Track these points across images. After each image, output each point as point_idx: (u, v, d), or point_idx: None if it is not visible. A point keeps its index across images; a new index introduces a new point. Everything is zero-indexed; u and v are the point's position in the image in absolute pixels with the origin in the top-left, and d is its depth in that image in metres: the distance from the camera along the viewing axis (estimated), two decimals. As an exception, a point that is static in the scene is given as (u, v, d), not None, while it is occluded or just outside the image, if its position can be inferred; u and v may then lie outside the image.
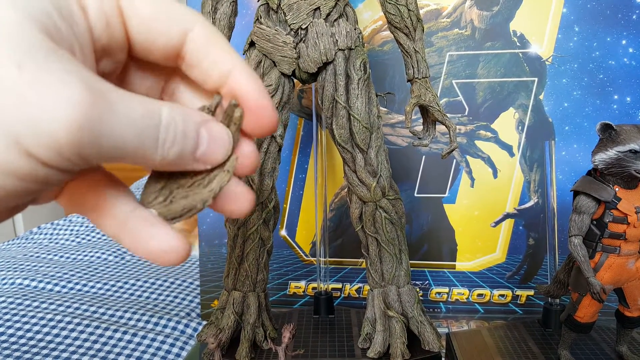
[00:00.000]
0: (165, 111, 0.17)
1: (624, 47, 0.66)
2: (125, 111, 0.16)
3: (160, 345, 0.66)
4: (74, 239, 1.16)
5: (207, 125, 0.19)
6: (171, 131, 0.18)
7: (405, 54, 0.52)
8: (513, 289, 0.72)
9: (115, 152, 0.16)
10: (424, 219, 0.74)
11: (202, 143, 0.19)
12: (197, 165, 0.19)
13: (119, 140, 0.16)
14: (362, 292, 0.76)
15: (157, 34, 0.19)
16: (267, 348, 0.55)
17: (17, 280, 0.87)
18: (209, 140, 0.19)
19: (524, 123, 0.69)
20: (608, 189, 0.44)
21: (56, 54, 0.15)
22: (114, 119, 0.16)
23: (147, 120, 0.17)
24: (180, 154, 0.18)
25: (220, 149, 0.20)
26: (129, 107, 0.16)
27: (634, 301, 0.47)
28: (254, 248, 0.56)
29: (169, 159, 0.18)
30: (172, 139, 0.18)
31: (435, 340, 0.54)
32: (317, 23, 0.50)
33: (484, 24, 0.68)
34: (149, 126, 0.17)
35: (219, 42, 0.20)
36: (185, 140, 0.18)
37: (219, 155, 0.20)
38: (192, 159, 0.19)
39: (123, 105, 0.16)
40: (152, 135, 0.17)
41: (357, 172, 0.53)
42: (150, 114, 0.17)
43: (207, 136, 0.19)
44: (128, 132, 0.16)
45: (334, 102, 0.51)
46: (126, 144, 0.16)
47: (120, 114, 0.16)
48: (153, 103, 0.17)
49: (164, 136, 0.17)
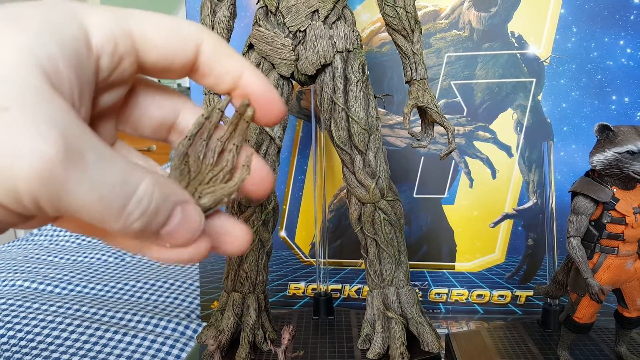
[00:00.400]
0: (145, 184, 0.17)
1: (622, 48, 0.66)
2: (97, 176, 0.16)
3: (160, 346, 0.66)
4: (74, 241, 1.16)
5: (184, 206, 0.19)
6: (143, 204, 0.17)
7: (403, 55, 0.52)
8: (512, 290, 0.72)
9: (73, 210, 0.16)
10: (423, 219, 0.74)
11: (172, 222, 0.18)
12: (157, 241, 0.19)
13: (81, 202, 0.16)
14: (361, 293, 0.76)
15: (173, 58, 0.20)
16: (267, 349, 0.55)
17: (18, 282, 0.88)
18: (180, 221, 0.19)
19: (522, 124, 0.69)
20: (606, 190, 0.44)
21: (48, 102, 0.15)
22: (81, 181, 0.15)
23: (118, 189, 0.16)
24: (143, 228, 0.18)
25: (187, 232, 0.19)
26: (104, 170, 0.16)
27: (632, 302, 0.48)
28: (254, 249, 0.56)
29: (131, 230, 0.17)
30: (141, 212, 0.17)
31: (434, 341, 0.54)
32: (315, 25, 0.50)
33: (482, 25, 0.69)
34: (119, 196, 0.16)
35: (226, 50, 0.21)
36: (155, 217, 0.18)
37: (184, 238, 0.19)
38: (154, 235, 0.18)
39: (97, 169, 0.16)
40: (120, 203, 0.16)
41: (355, 174, 0.53)
42: (125, 182, 0.16)
43: (179, 217, 0.18)
44: (92, 197, 0.16)
45: (333, 104, 0.51)
46: (86, 206, 0.16)
47: (90, 178, 0.15)
48: (136, 172, 0.17)
49: (132, 208, 0.17)
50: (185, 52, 0.20)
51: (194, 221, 0.19)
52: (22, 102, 0.15)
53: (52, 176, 0.15)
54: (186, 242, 0.19)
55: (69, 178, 0.15)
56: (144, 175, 0.17)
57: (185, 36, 0.20)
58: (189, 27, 0.20)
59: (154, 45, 0.19)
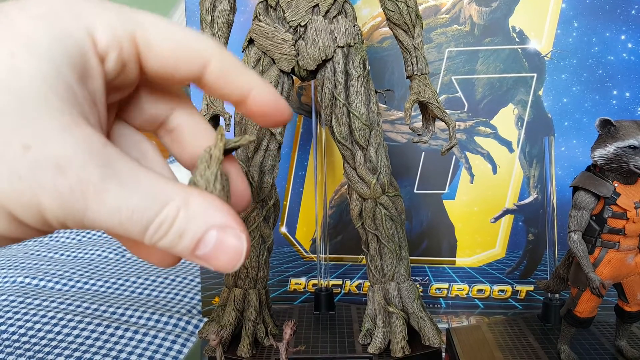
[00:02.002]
0: (171, 207, 0.17)
1: (623, 43, 0.66)
2: (114, 203, 0.16)
3: (161, 342, 0.66)
4: (74, 237, 1.16)
5: (223, 230, 0.18)
6: (165, 225, 0.17)
7: (404, 50, 0.52)
8: (513, 285, 0.72)
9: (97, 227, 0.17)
10: (423, 215, 0.74)
11: (206, 245, 0.18)
12: (200, 262, 0.19)
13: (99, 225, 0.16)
14: (362, 289, 0.76)
15: (175, 71, 0.19)
16: (269, 344, 0.56)
17: (19, 278, 0.88)
18: (216, 246, 0.18)
19: (523, 119, 0.69)
20: (607, 185, 0.44)
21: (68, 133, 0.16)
22: (99, 210, 0.16)
23: (141, 211, 0.16)
24: (171, 248, 0.18)
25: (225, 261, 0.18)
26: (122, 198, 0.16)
27: (633, 296, 0.48)
28: (255, 245, 0.56)
29: (160, 245, 0.17)
30: (164, 232, 0.17)
31: (435, 336, 0.54)
32: (316, 20, 0.50)
33: (483, 20, 0.68)
34: (137, 221, 0.16)
35: (235, 69, 0.20)
36: (179, 239, 0.17)
37: (221, 265, 0.18)
38: (192, 255, 0.18)
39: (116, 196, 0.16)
40: (143, 224, 0.17)
41: (356, 169, 0.53)
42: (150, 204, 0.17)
43: (215, 241, 0.18)
44: (110, 221, 0.16)
45: (334, 100, 0.51)
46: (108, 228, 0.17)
47: (107, 205, 0.16)
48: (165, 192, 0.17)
49: (154, 228, 0.17)
50: (189, 68, 0.19)
51: (234, 247, 0.18)
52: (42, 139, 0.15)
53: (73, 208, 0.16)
54: (226, 268, 0.18)
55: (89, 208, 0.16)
56: (172, 194, 0.17)
57: (192, 52, 0.19)
58: (198, 43, 0.19)
59: (156, 54, 0.19)
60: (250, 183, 0.54)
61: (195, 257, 0.18)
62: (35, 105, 0.15)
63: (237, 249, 0.18)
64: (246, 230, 0.19)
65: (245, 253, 0.18)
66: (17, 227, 0.16)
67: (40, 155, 0.15)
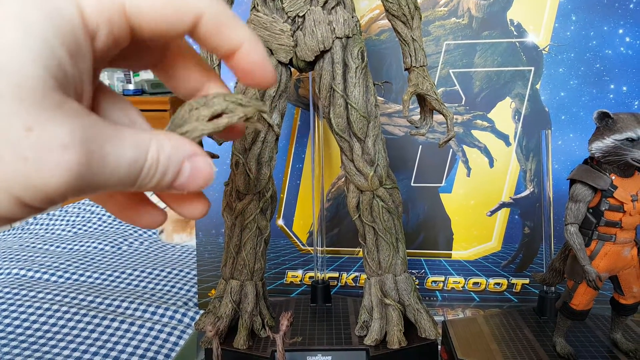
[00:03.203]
0: (150, 155, 0.19)
1: (620, 37, 0.66)
2: (115, 161, 0.17)
3: (157, 334, 0.66)
4: (70, 229, 1.15)
5: (193, 158, 0.20)
6: (152, 167, 0.19)
7: (402, 42, 0.52)
8: (508, 278, 0.73)
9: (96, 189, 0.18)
10: (420, 208, 0.74)
11: (182, 176, 0.20)
12: (172, 191, 0.21)
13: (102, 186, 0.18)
14: (358, 281, 0.76)
15: (169, 32, 0.20)
16: (265, 336, 0.56)
17: (14, 270, 0.87)
18: (190, 173, 0.20)
19: (520, 112, 0.69)
20: (604, 177, 0.44)
21: (63, 111, 0.16)
22: (104, 170, 0.17)
23: (132, 165, 0.18)
24: (157, 184, 0.19)
25: (199, 181, 0.20)
26: (120, 155, 0.18)
27: (629, 289, 0.48)
28: (252, 237, 0.56)
29: (145, 189, 0.19)
30: (153, 173, 0.19)
31: (431, 328, 0.54)
32: (314, 11, 0.49)
33: (481, 13, 0.68)
34: (133, 171, 0.18)
35: (228, 21, 0.20)
36: (165, 176, 0.19)
37: (196, 187, 0.21)
38: (168, 187, 0.20)
39: (114, 156, 0.17)
40: (135, 175, 0.18)
41: (354, 161, 0.53)
42: (137, 156, 0.18)
43: (189, 170, 0.20)
44: (112, 178, 0.18)
45: (332, 91, 0.51)
46: (107, 187, 0.18)
47: (110, 165, 0.17)
48: (142, 139, 0.18)
49: (145, 173, 0.19)
50: (182, 25, 0.20)
51: (204, 170, 0.20)
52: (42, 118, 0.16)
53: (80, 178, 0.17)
54: (199, 188, 0.21)
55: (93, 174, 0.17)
56: (147, 144, 0.19)
57: (182, 8, 0.19)
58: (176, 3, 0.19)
59: (149, 17, 0.19)
60: (248, 175, 0.54)
61: (172, 188, 0.20)
62: (32, 86, 0.15)
63: (207, 169, 0.20)
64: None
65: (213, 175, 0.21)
66: (20, 209, 0.17)
67: (44, 135, 0.16)
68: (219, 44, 0.21)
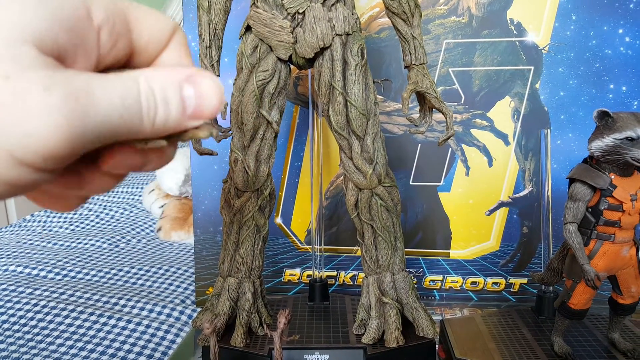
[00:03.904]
0: (142, 81, 0.18)
1: (620, 36, 0.66)
2: (106, 98, 0.17)
3: (154, 331, 0.66)
4: (67, 227, 1.15)
5: (192, 80, 0.19)
6: (150, 99, 0.18)
7: (402, 40, 0.52)
8: (506, 277, 0.73)
9: (105, 136, 0.17)
10: (418, 207, 0.74)
11: (189, 101, 0.19)
12: (196, 121, 0.19)
13: (106, 126, 0.17)
14: (356, 280, 0.76)
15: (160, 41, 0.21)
16: (263, 334, 0.55)
17: (11, 267, 0.87)
18: (197, 97, 0.19)
19: (519, 112, 0.69)
20: (604, 177, 0.44)
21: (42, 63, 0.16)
22: (97, 109, 0.16)
23: (127, 100, 0.17)
24: (168, 119, 0.19)
25: (212, 99, 0.20)
26: (109, 91, 0.17)
27: (627, 288, 0.48)
28: (250, 235, 0.55)
29: (160, 126, 0.18)
30: (154, 107, 0.18)
31: (429, 327, 0.54)
32: (314, 7, 0.49)
33: (481, 12, 0.68)
34: (130, 103, 0.17)
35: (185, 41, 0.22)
36: (168, 106, 0.18)
37: (213, 107, 0.20)
38: (187, 119, 0.19)
39: (103, 92, 0.17)
40: (135, 109, 0.18)
41: (353, 159, 0.52)
42: (128, 90, 0.17)
43: (193, 93, 0.19)
44: (112, 116, 0.17)
45: (331, 88, 0.51)
46: (113, 126, 0.17)
47: (102, 103, 0.17)
48: (129, 76, 0.18)
49: (146, 106, 0.18)
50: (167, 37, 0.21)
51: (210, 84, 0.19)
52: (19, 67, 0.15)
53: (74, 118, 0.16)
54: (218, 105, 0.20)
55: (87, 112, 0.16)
56: (137, 74, 0.18)
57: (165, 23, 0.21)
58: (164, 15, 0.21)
59: (145, 28, 0.20)
60: (246, 172, 0.54)
61: (192, 118, 0.19)
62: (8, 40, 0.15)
63: (214, 83, 0.20)
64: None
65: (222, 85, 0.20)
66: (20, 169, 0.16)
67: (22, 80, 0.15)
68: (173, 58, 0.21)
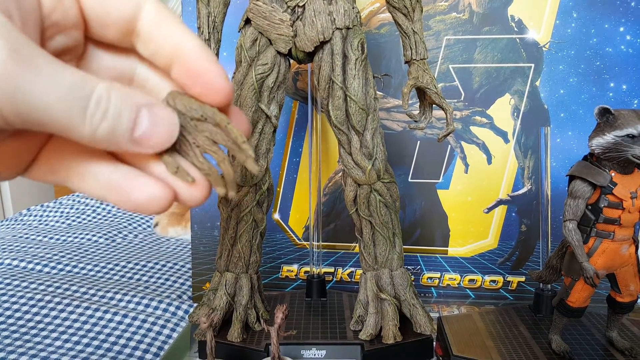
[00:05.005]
0: (102, 87, 0.18)
1: (621, 35, 0.65)
2: (52, 77, 0.16)
3: (151, 326, 0.65)
4: (64, 221, 1.14)
5: (151, 107, 0.19)
6: (102, 105, 0.17)
7: (403, 34, 0.51)
8: (504, 275, 0.73)
9: (37, 114, 0.16)
10: (417, 204, 0.73)
11: (141, 124, 0.19)
12: (137, 147, 0.19)
13: (41, 103, 0.16)
14: (354, 277, 0.76)
15: (110, 9, 0.20)
16: (259, 329, 0.55)
17: (6, 260, 0.87)
18: (150, 122, 0.19)
19: (519, 109, 0.69)
20: (604, 174, 0.44)
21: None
22: (37, 81, 0.16)
23: (76, 91, 0.17)
24: (112, 132, 0.18)
25: (163, 133, 0.19)
26: (57, 74, 0.17)
27: (626, 287, 0.48)
28: (247, 230, 0.55)
29: (100, 135, 0.18)
30: (102, 113, 0.18)
31: (427, 323, 0.54)
32: (314, 0, 0.49)
33: (482, 8, 0.68)
34: (77, 97, 0.17)
35: (170, 17, 0.20)
36: (119, 119, 0.18)
37: (161, 139, 0.19)
38: (129, 140, 0.19)
39: (50, 71, 0.16)
40: (80, 105, 0.17)
41: (352, 155, 0.52)
42: (81, 85, 0.17)
43: (147, 118, 0.19)
44: (51, 97, 0.16)
45: (331, 83, 0.51)
46: (49, 108, 0.16)
47: (45, 78, 0.16)
48: (90, 78, 0.18)
49: (93, 109, 0.17)
50: (123, 6, 0.20)
51: (166, 119, 0.19)
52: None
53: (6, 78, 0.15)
54: (165, 141, 0.19)
55: (23, 78, 0.16)
56: (98, 80, 0.18)
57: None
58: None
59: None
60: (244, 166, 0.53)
61: (134, 142, 0.19)
62: None
63: (171, 118, 0.19)
64: None
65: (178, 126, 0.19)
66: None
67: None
68: (160, 40, 0.20)
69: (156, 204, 0.20)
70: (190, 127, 0.20)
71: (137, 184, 0.20)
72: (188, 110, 0.20)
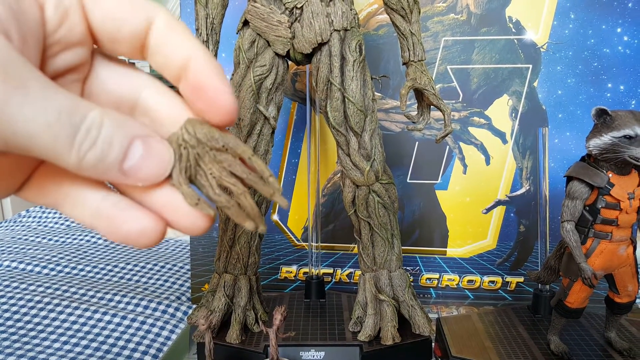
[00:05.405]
0: (94, 114, 0.17)
1: (619, 35, 0.65)
2: (41, 101, 0.16)
3: (149, 328, 0.65)
4: (62, 223, 1.14)
5: (146, 139, 0.18)
6: (92, 133, 0.17)
7: (401, 36, 0.51)
8: (503, 276, 0.73)
9: (21, 139, 0.16)
10: (415, 205, 0.73)
11: (132, 156, 0.18)
12: (125, 179, 0.18)
13: (25, 128, 0.16)
14: (353, 278, 0.76)
15: (121, 24, 0.19)
16: (258, 331, 0.55)
17: (5, 262, 0.86)
18: (143, 155, 0.18)
19: (517, 110, 0.69)
20: (601, 175, 0.44)
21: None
22: (25, 104, 0.15)
23: (65, 116, 0.16)
24: (100, 161, 0.17)
25: (154, 167, 0.18)
26: (48, 97, 0.16)
27: (624, 287, 0.48)
28: (246, 231, 0.55)
29: (87, 163, 0.17)
30: (92, 141, 0.17)
31: (425, 324, 0.54)
32: (312, 2, 0.49)
33: (480, 10, 0.68)
34: (66, 123, 0.16)
35: (180, 29, 0.20)
36: (109, 148, 0.17)
37: (152, 173, 0.18)
38: (119, 171, 0.18)
39: (40, 94, 0.16)
40: (67, 132, 0.16)
41: (350, 156, 0.52)
42: (72, 111, 0.16)
43: (141, 150, 0.18)
44: (38, 122, 0.16)
45: (329, 84, 0.51)
46: (35, 133, 0.16)
47: (33, 101, 0.16)
48: (84, 103, 0.17)
49: (82, 136, 0.17)
50: (134, 21, 0.19)
51: (160, 154, 0.18)
52: None
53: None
54: (156, 177, 0.18)
55: (10, 101, 0.15)
56: (92, 106, 0.17)
57: (137, 6, 0.19)
58: (144, 1, 0.19)
59: (100, 6, 0.19)
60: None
61: (122, 173, 0.18)
62: None
63: (165, 153, 0.19)
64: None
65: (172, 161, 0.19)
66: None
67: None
68: (169, 53, 0.20)
69: (147, 237, 0.19)
70: (208, 157, 0.19)
71: (129, 216, 0.19)
72: (209, 139, 0.19)
